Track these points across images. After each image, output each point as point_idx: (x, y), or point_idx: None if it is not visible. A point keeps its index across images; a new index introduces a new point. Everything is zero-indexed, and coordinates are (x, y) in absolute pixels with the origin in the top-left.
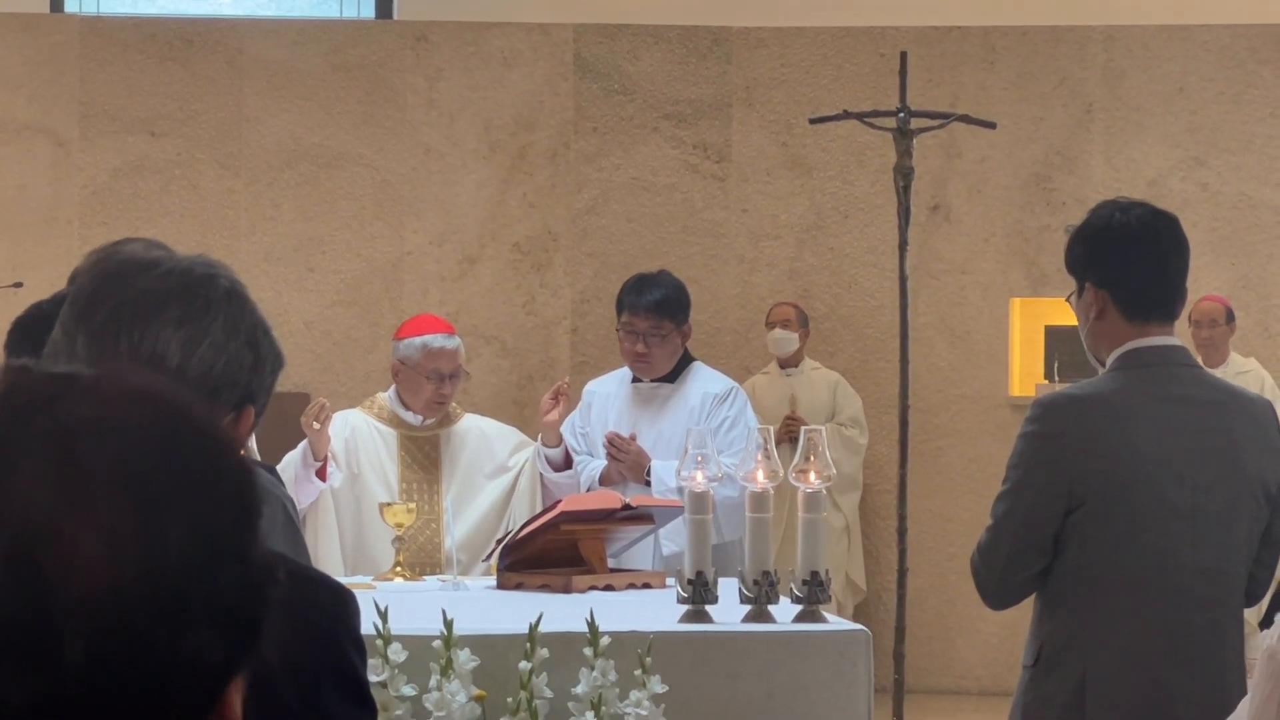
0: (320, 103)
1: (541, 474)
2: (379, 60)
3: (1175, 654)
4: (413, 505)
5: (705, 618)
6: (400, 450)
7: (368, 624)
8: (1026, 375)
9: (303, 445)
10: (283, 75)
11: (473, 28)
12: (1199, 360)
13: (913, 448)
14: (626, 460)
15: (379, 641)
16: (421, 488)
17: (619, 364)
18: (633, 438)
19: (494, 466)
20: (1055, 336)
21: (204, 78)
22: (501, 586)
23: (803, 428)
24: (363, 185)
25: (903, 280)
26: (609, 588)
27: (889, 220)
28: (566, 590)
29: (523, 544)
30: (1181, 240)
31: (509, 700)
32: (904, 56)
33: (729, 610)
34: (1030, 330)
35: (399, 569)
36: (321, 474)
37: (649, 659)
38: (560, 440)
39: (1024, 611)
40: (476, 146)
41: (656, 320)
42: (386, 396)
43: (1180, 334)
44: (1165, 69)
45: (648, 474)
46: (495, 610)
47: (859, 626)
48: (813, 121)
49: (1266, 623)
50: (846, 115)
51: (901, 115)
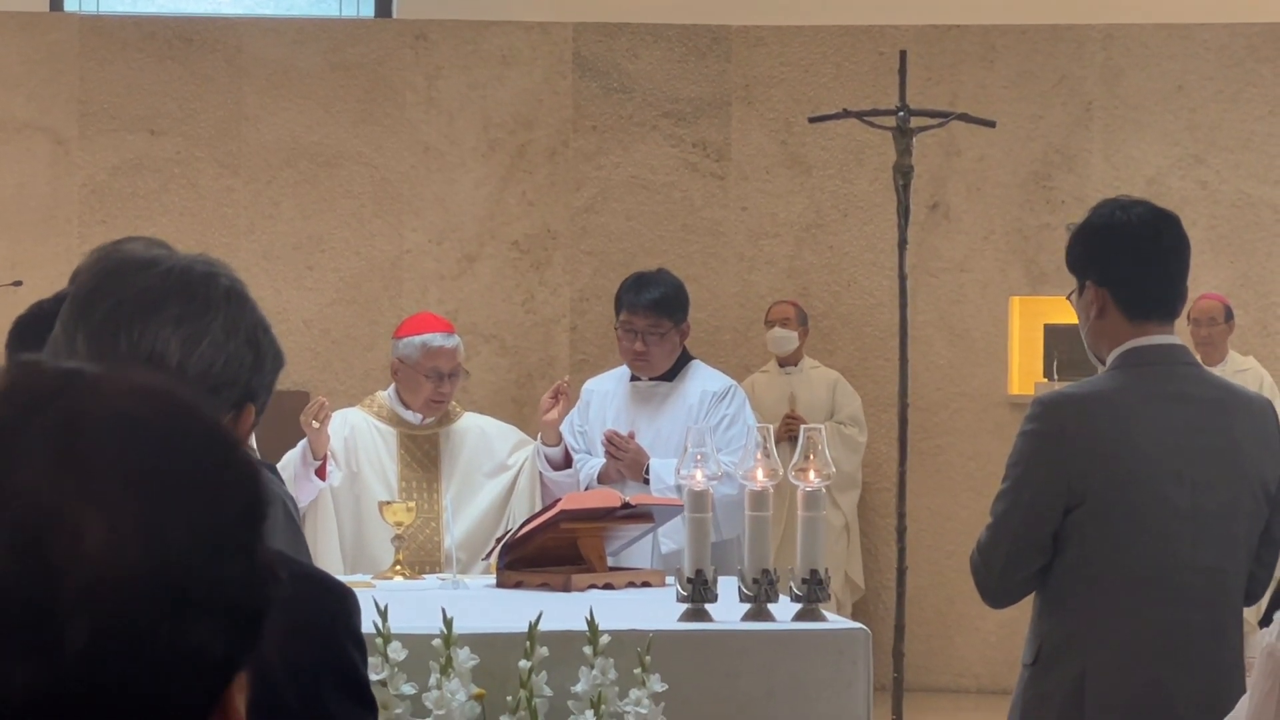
0: (319, 101)
1: (541, 473)
2: (378, 59)
3: (1174, 653)
4: (412, 504)
5: (705, 616)
6: (400, 449)
7: (367, 623)
8: (1025, 374)
9: (302, 444)
10: (282, 74)
11: (472, 26)
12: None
13: (912, 446)
14: (625, 458)
15: (379, 640)
16: (421, 486)
17: (618, 362)
18: (631, 436)
19: (493, 465)
20: (1054, 335)
21: (203, 76)
22: (501, 585)
23: (802, 426)
24: (362, 183)
25: (902, 279)
26: (608, 586)
27: (888, 219)
28: (566, 589)
29: (522, 542)
30: (1182, 239)
31: (508, 699)
32: (903, 55)
33: (728, 609)
34: (1029, 329)
35: (398, 567)
36: (321, 473)
37: (648, 657)
38: (560, 439)
39: (1023, 610)
40: (476, 145)
41: (655, 319)
42: (386, 395)
43: (1179, 332)
44: (1164, 67)
45: (646, 472)
46: (495, 609)
47: (858, 625)
48: (812, 120)
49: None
50: (846, 114)
51: (901, 114)
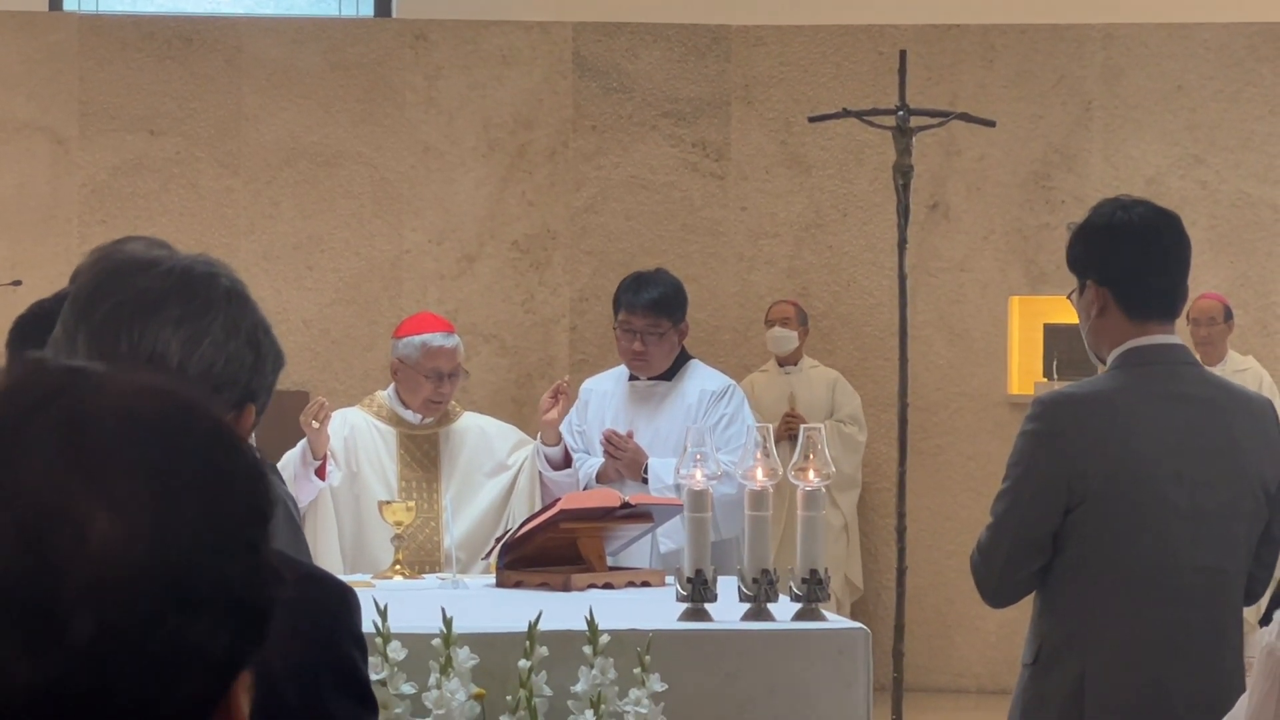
0: (319, 101)
1: (540, 472)
2: (378, 58)
3: (1174, 652)
4: (412, 503)
5: (704, 616)
6: (399, 448)
7: (367, 622)
8: (1025, 373)
9: (302, 444)
10: (282, 73)
11: (471, 26)
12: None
13: (911, 446)
14: (624, 458)
15: (378, 639)
16: (420, 486)
17: (618, 362)
18: (630, 435)
19: (493, 465)
20: (1054, 334)
21: (203, 76)
22: (501, 585)
23: (802, 426)
24: (362, 183)
25: (901, 278)
26: (608, 586)
27: (888, 218)
28: (565, 588)
29: (522, 542)
30: (1183, 238)
31: (508, 698)
32: (903, 55)
33: (728, 608)
34: (1029, 328)
35: (398, 567)
36: (321, 472)
37: (648, 657)
38: (559, 439)
39: (1023, 610)
40: (475, 145)
41: (654, 318)
42: (385, 395)
43: (1178, 332)
44: (1164, 67)
45: (645, 471)
46: (494, 608)
47: (858, 625)
48: (812, 120)
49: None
50: (845, 113)
51: (900, 113)
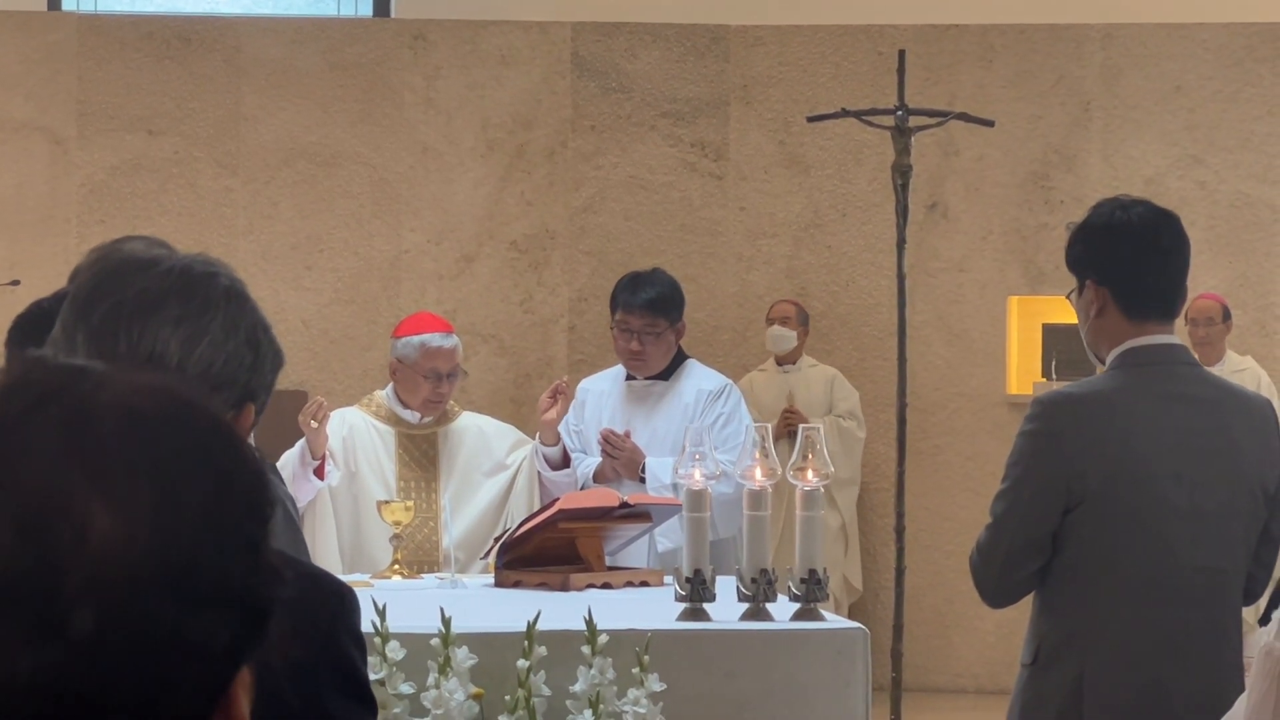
0: (318, 101)
1: (539, 472)
2: (376, 59)
3: (1173, 652)
4: (410, 503)
5: (703, 616)
6: (398, 448)
7: (366, 622)
8: (1024, 373)
9: (300, 444)
10: (280, 74)
11: (470, 26)
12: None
13: (910, 446)
14: (621, 457)
15: (377, 639)
16: (419, 486)
17: (617, 362)
18: (627, 435)
19: (492, 464)
20: (1053, 335)
21: (202, 76)
22: (499, 584)
23: (800, 426)
24: (360, 184)
25: (900, 278)
26: (607, 586)
27: (886, 218)
28: (564, 588)
29: (520, 542)
30: (1182, 238)
31: (507, 698)
32: (902, 55)
33: (727, 608)
34: (1028, 328)
35: (397, 567)
36: (319, 472)
37: (647, 657)
38: (558, 438)
39: (1022, 610)
40: (474, 145)
41: (651, 318)
42: (384, 394)
43: (1177, 332)
44: (1163, 67)
45: (642, 471)
46: (493, 608)
47: (857, 625)
48: (810, 120)
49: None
50: (844, 113)
51: (899, 113)
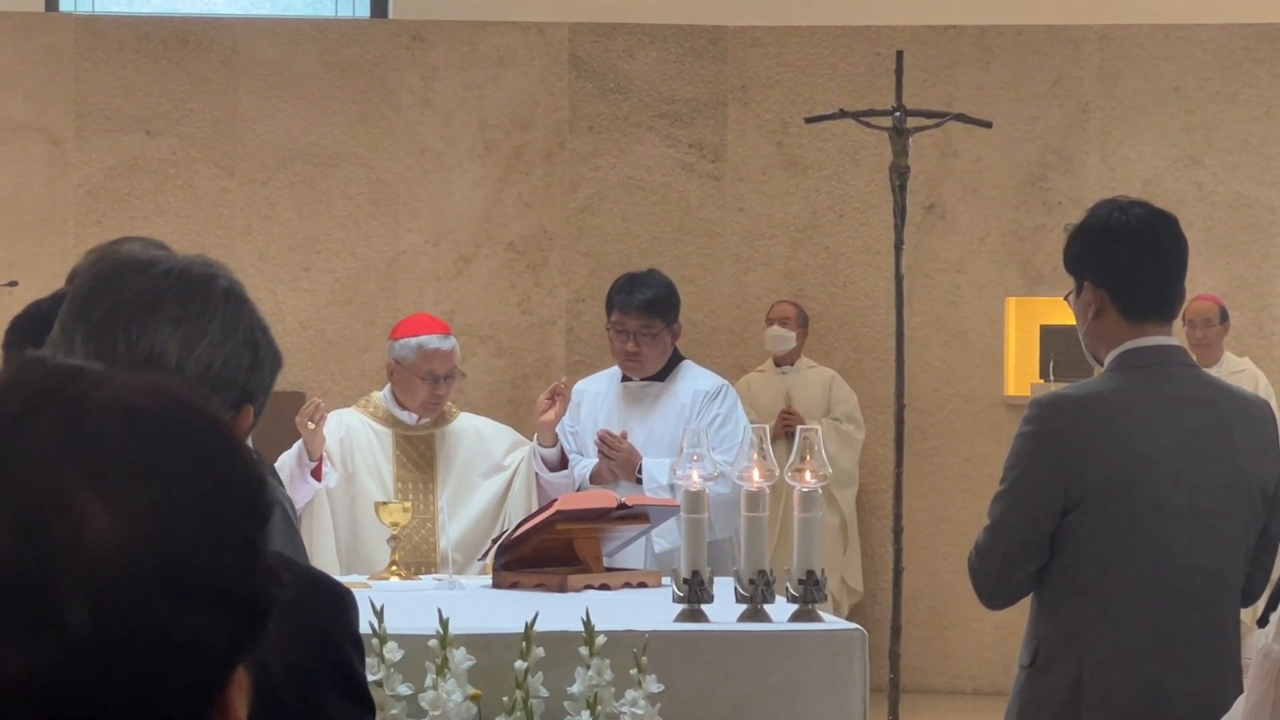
0: (315, 102)
1: (537, 473)
2: (374, 59)
3: (1172, 653)
4: (408, 504)
5: (701, 617)
6: (395, 449)
7: (364, 623)
8: (1022, 374)
9: (298, 445)
10: (278, 74)
11: (468, 27)
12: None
13: (908, 447)
14: (618, 458)
15: (375, 640)
16: (417, 487)
17: (614, 363)
18: (624, 436)
19: (489, 466)
20: (1050, 336)
21: (199, 77)
22: (497, 586)
23: (799, 427)
24: (358, 184)
25: (898, 279)
26: (604, 587)
27: (884, 219)
28: (562, 589)
29: (518, 543)
30: (1180, 240)
31: (504, 699)
32: (900, 56)
33: (724, 609)
34: (1025, 330)
35: (395, 568)
36: (317, 474)
37: (645, 658)
38: (556, 440)
39: (1019, 611)
40: (472, 146)
41: (647, 319)
42: (381, 396)
43: (1175, 334)
44: (1161, 68)
45: (639, 472)
46: (491, 609)
47: (854, 626)
48: (808, 121)
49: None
50: (842, 114)
51: (897, 114)
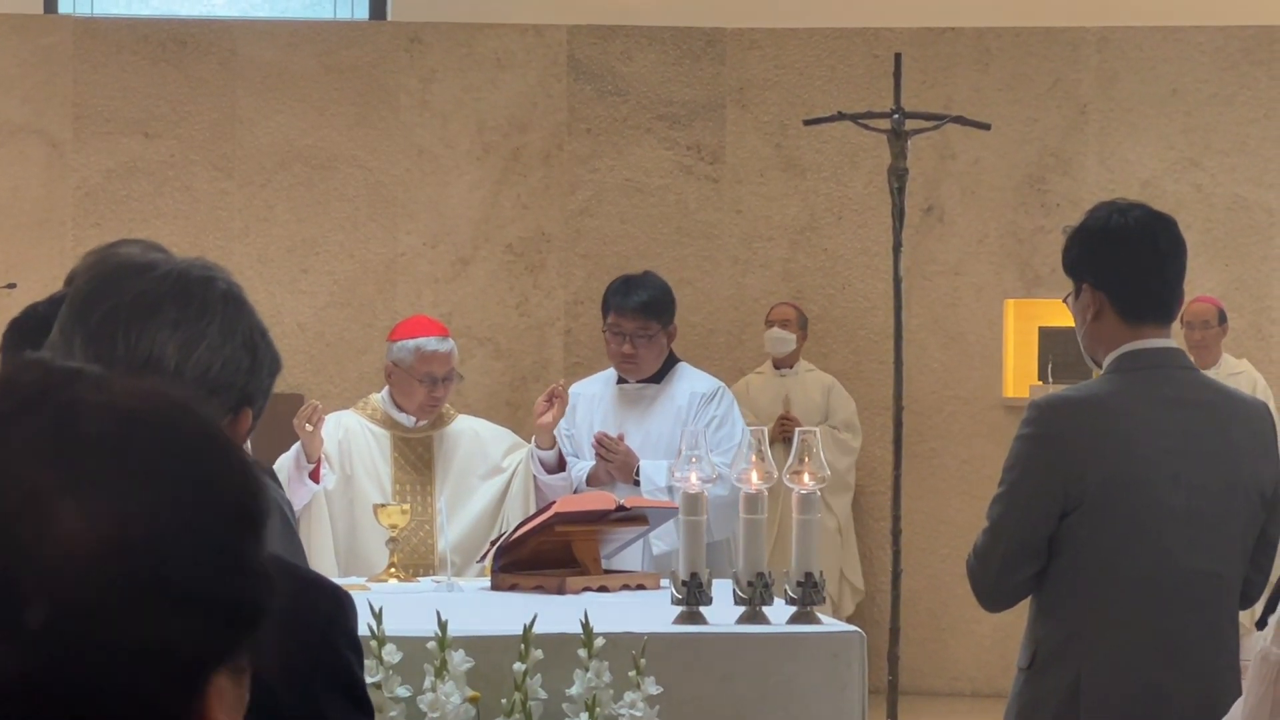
0: (314, 104)
1: (535, 475)
2: (372, 62)
3: (1170, 656)
4: (407, 506)
5: (699, 619)
6: (393, 452)
7: (362, 625)
8: (1020, 376)
9: (296, 447)
10: (276, 77)
11: (466, 29)
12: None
13: (906, 449)
14: (615, 460)
15: (373, 643)
16: (415, 489)
17: (609, 365)
18: (620, 438)
19: (487, 468)
20: (1049, 338)
21: (197, 79)
22: (496, 588)
23: (797, 429)
24: (356, 187)
25: (897, 281)
26: (603, 589)
27: (883, 221)
28: (560, 591)
29: (517, 545)
30: (1179, 242)
31: (503, 701)
32: (898, 58)
33: (723, 611)
34: (1024, 331)
35: (393, 570)
36: (315, 476)
37: (643, 660)
38: (553, 442)
39: (1018, 613)
40: (470, 148)
41: (643, 321)
42: (379, 398)
43: (1172, 335)
44: (1159, 70)
45: (636, 474)
46: (489, 611)
47: (853, 628)
48: (807, 123)
49: (1261, 624)
50: (840, 117)
51: (896, 117)
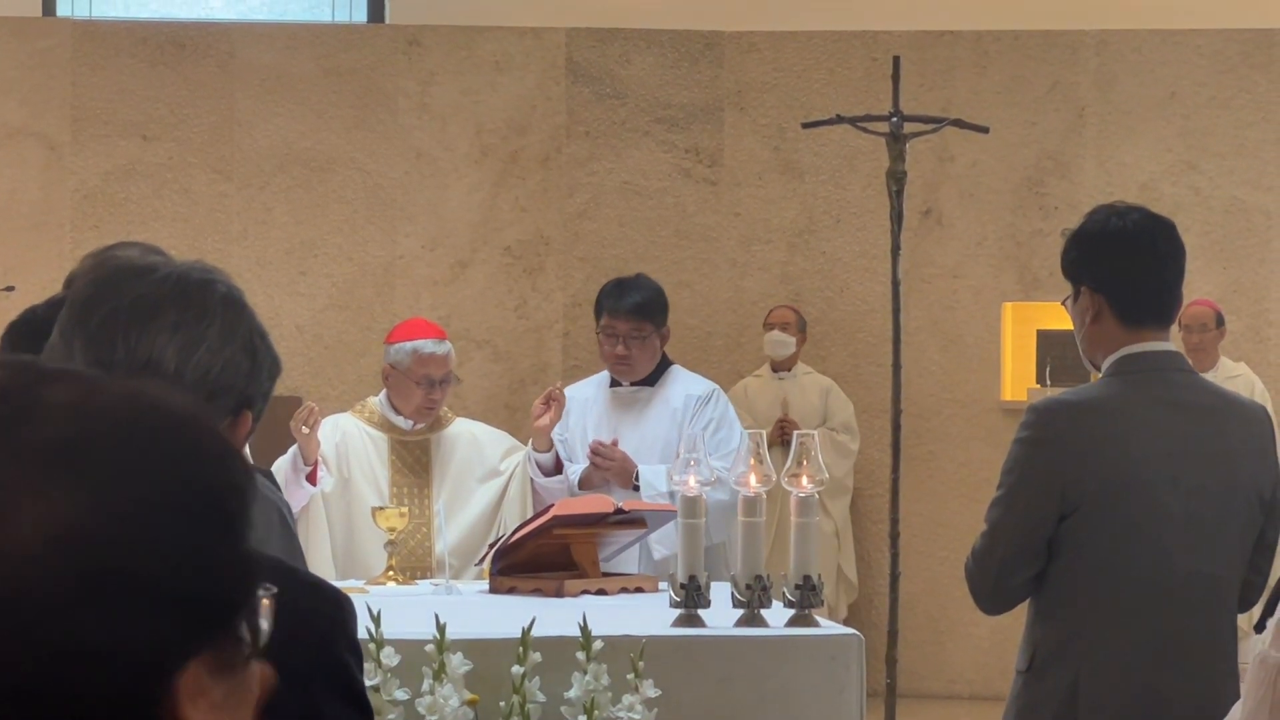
0: (312, 107)
1: (532, 479)
2: (371, 64)
3: (1169, 659)
4: (405, 509)
5: (698, 622)
6: (391, 454)
7: (360, 628)
8: (1018, 379)
9: (293, 450)
10: (275, 79)
11: (465, 31)
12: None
13: (904, 452)
14: (613, 467)
15: (372, 645)
16: (412, 492)
17: (602, 368)
18: (614, 443)
19: (485, 471)
20: (1047, 341)
21: (196, 82)
22: (494, 590)
23: (795, 432)
24: (354, 189)
25: (895, 285)
26: (601, 592)
27: (881, 225)
28: (559, 594)
29: (515, 548)
30: (1178, 245)
31: (501, 704)
32: (896, 61)
33: (721, 614)
34: (1022, 334)
35: (391, 573)
36: (311, 478)
37: (641, 663)
38: (551, 445)
39: (1016, 616)
40: (468, 151)
41: (636, 322)
42: (377, 401)
43: (1170, 338)
44: (1157, 73)
45: (635, 479)
46: (488, 614)
47: (851, 630)
48: (805, 126)
49: (1259, 627)
50: (839, 120)
51: (894, 120)
